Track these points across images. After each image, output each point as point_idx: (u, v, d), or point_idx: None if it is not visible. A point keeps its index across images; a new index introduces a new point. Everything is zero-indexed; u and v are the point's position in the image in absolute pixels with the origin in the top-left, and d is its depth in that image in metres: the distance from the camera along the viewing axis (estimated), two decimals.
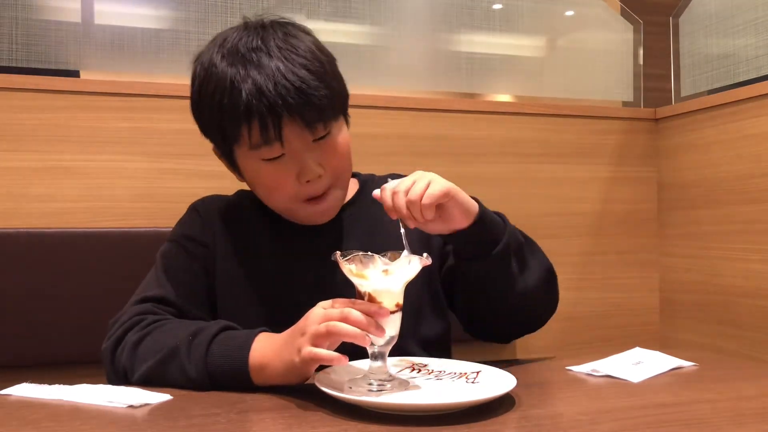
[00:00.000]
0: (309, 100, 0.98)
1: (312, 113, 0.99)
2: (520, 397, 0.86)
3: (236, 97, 0.97)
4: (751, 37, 1.78)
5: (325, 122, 1.02)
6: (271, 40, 1.01)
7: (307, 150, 1.02)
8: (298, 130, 0.99)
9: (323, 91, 1.00)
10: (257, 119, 0.97)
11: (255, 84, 0.97)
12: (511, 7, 1.95)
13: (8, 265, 1.39)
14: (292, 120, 0.98)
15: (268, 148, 1.00)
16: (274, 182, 1.04)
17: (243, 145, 1.01)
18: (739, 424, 0.78)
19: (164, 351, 0.93)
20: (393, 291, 0.86)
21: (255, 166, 1.04)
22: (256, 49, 0.99)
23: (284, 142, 0.99)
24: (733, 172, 1.76)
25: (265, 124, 0.97)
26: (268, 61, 0.98)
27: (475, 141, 1.83)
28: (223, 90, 0.99)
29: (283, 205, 1.08)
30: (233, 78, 0.98)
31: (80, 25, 1.58)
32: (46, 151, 1.48)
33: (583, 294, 1.92)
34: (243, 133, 0.99)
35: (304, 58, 1.00)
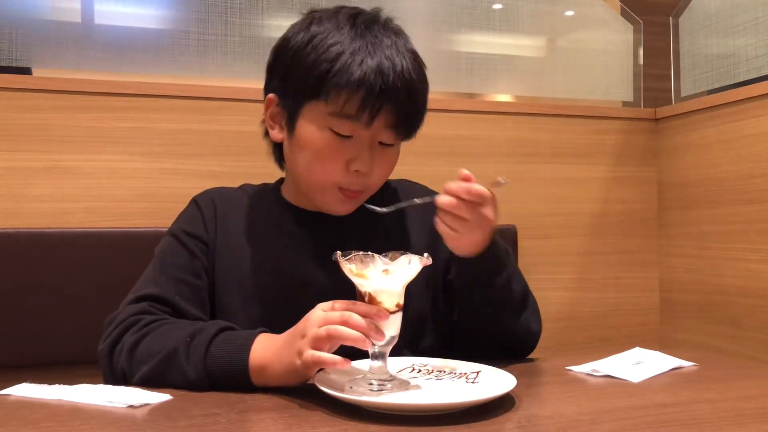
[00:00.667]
0: (414, 106, 1.03)
1: (408, 119, 1.04)
2: (520, 397, 0.86)
3: (357, 63, 0.98)
4: (751, 37, 1.78)
5: (406, 134, 1.06)
6: (401, 41, 1.05)
7: (372, 145, 1.04)
8: (387, 123, 1.02)
9: (425, 102, 1.06)
10: (364, 92, 0.98)
11: (379, 63, 0.99)
12: (511, 7, 1.95)
13: (8, 265, 1.39)
14: (391, 113, 1.01)
15: (350, 122, 1.01)
16: (326, 155, 1.04)
17: (329, 105, 1.01)
18: (739, 424, 0.78)
19: (163, 353, 0.93)
20: (393, 291, 0.86)
21: (319, 131, 1.03)
22: (388, 37, 1.03)
23: (369, 126, 1.01)
24: (733, 172, 1.76)
25: (368, 101, 0.99)
26: (394, 54, 1.01)
27: (475, 141, 1.83)
28: (343, 50, 1.00)
29: (318, 181, 1.07)
30: (360, 47, 1.00)
31: (80, 25, 1.58)
32: (46, 151, 1.48)
33: (583, 294, 1.92)
34: (341, 97, 0.99)
35: (418, 64, 1.06)
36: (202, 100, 1.58)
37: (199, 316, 1.05)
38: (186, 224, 1.13)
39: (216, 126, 1.59)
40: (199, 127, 1.58)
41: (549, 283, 1.89)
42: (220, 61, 1.66)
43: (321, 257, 1.07)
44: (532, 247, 1.81)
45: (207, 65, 1.64)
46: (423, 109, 1.07)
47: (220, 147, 1.58)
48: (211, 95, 1.59)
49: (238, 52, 1.66)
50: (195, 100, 1.58)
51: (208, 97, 1.58)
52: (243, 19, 1.67)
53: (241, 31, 1.67)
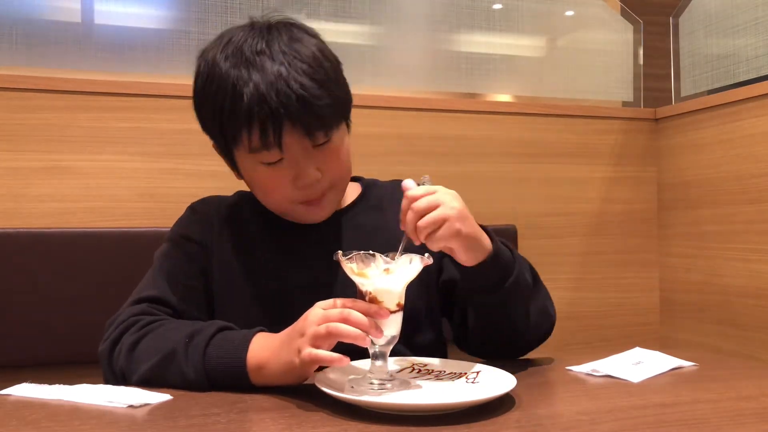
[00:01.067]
0: (310, 108, 0.98)
1: (313, 121, 0.99)
2: (520, 397, 0.86)
3: (237, 100, 0.97)
4: (751, 37, 1.78)
5: (325, 130, 1.02)
6: (276, 44, 1.00)
7: (306, 156, 1.02)
8: (298, 137, 0.99)
9: (325, 99, 0.99)
10: (257, 124, 0.97)
11: (257, 89, 0.96)
12: (511, 7, 1.95)
13: (8, 265, 1.39)
14: (293, 127, 0.98)
15: (267, 152, 1.00)
16: (271, 185, 1.05)
17: (242, 147, 1.01)
18: (739, 424, 0.78)
19: (161, 353, 0.93)
20: (394, 290, 0.86)
21: (253, 168, 1.04)
22: (260, 53, 0.99)
23: (283, 148, 0.99)
24: (733, 172, 1.76)
25: (266, 130, 0.97)
26: (270, 65, 0.97)
27: (475, 141, 1.83)
28: (225, 92, 0.98)
29: (279, 207, 1.09)
30: (235, 81, 0.98)
31: (80, 25, 1.58)
32: (46, 151, 1.48)
33: (583, 294, 1.93)
34: (243, 137, 0.99)
35: (308, 65, 0.99)
36: None
37: (198, 317, 1.05)
38: (183, 229, 1.14)
39: None
40: (199, 127, 1.58)
41: (549, 283, 1.86)
42: None
43: (317, 260, 1.07)
44: (532, 247, 1.81)
45: None
46: (326, 98, 1.00)
47: None
48: None
49: None
50: None
51: None
52: (243, 20, 1.65)
53: None
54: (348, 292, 0.89)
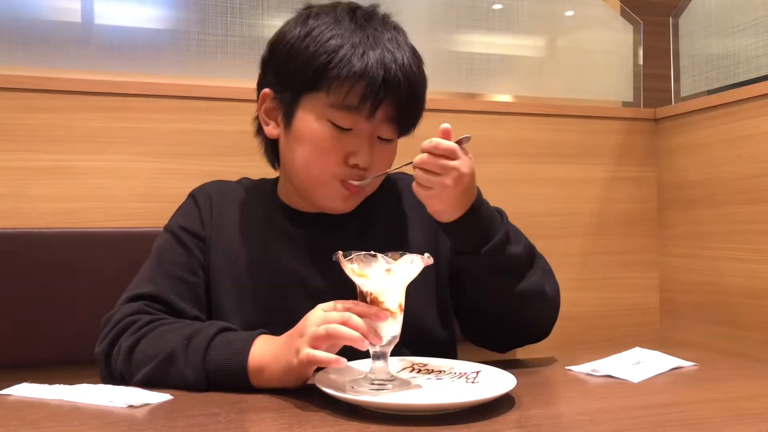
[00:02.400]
0: (415, 100, 1.03)
1: (409, 111, 1.03)
2: (520, 397, 0.86)
3: (358, 55, 0.98)
4: (751, 37, 1.78)
5: (405, 128, 1.06)
6: (401, 36, 1.05)
7: (371, 139, 1.03)
8: (387, 116, 1.02)
9: (421, 101, 1.05)
10: (366, 83, 0.98)
11: (381, 56, 0.99)
12: (511, 7, 1.95)
13: (8, 265, 1.39)
14: (392, 105, 1.01)
15: (350, 114, 1.00)
16: (325, 148, 1.02)
17: (330, 97, 1.00)
18: (739, 424, 0.78)
19: (160, 356, 0.92)
20: (395, 291, 0.86)
21: (318, 124, 1.02)
22: (388, 32, 1.03)
23: (370, 118, 1.00)
24: (733, 172, 1.76)
25: (370, 93, 0.98)
26: (395, 47, 1.01)
27: (475, 141, 1.82)
28: (343, 42, 0.99)
29: (317, 175, 1.05)
30: (360, 40, 0.99)
31: (80, 25, 1.58)
32: (46, 151, 1.48)
33: (583, 294, 1.92)
34: (343, 88, 0.98)
35: (417, 60, 1.06)
36: (202, 100, 1.58)
37: (196, 314, 1.04)
38: (183, 220, 1.12)
39: (216, 126, 1.59)
40: (199, 127, 1.58)
41: None
42: (220, 61, 1.66)
43: (316, 258, 1.07)
44: None
45: (207, 65, 1.64)
46: (422, 103, 1.06)
47: (220, 147, 1.58)
48: (211, 95, 1.59)
49: (238, 52, 1.66)
50: (195, 100, 1.58)
51: (208, 97, 1.58)
52: (243, 19, 1.67)
53: (241, 31, 1.67)
54: (353, 290, 0.89)
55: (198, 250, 1.09)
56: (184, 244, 1.09)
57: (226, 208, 1.13)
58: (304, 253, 1.09)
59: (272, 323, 0.94)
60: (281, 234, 1.11)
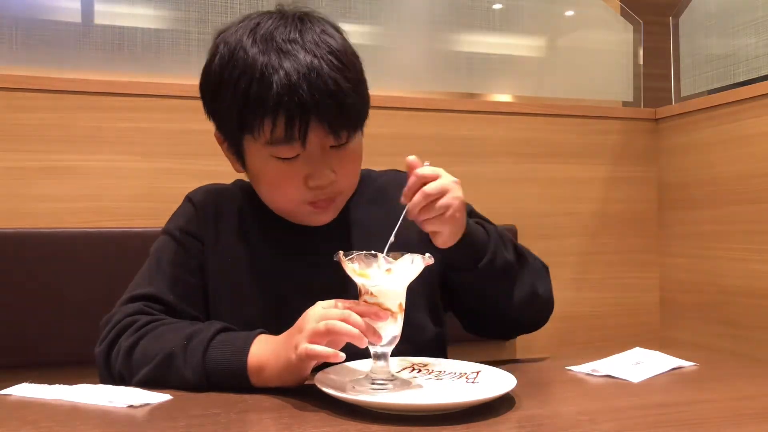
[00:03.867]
0: (341, 106, 0.95)
1: (341, 120, 0.96)
2: (520, 397, 0.86)
3: (266, 88, 0.92)
4: (751, 37, 1.78)
5: (350, 130, 0.99)
6: (309, 35, 0.96)
7: (323, 155, 0.98)
8: (322, 133, 0.96)
9: (354, 98, 0.96)
10: (284, 115, 0.93)
11: (288, 78, 0.92)
12: (511, 7, 1.95)
13: (8, 265, 1.39)
14: (319, 122, 0.94)
15: (287, 146, 0.96)
16: (281, 181, 1.00)
17: (260, 138, 0.96)
18: (739, 424, 0.78)
19: (160, 356, 0.92)
20: (395, 291, 0.86)
21: (264, 162, 1.00)
22: (293, 41, 0.95)
23: (306, 144, 0.95)
24: (733, 172, 1.76)
25: (292, 122, 0.93)
26: (303, 55, 0.93)
27: (475, 141, 1.83)
28: (251, 77, 0.94)
29: (285, 206, 1.05)
30: (264, 67, 0.93)
31: (80, 25, 1.58)
32: (46, 151, 1.48)
33: (583, 294, 1.93)
34: (264, 127, 0.94)
35: (340, 61, 0.96)
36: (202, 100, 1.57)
37: (195, 315, 1.04)
38: (181, 222, 1.11)
39: None
40: (199, 127, 1.56)
41: None
42: None
43: (313, 259, 1.06)
44: (532, 247, 1.79)
45: None
46: (354, 97, 0.98)
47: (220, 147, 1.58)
48: None
49: None
50: (195, 100, 1.56)
51: None
52: None
53: None
54: (349, 291, 0.89)
55: (196, 251, 1.09)
56: (183, 246, 1.09)
57: (222, 211, 1.12)
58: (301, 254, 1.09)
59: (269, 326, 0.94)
60: (278, 236, 1.11)
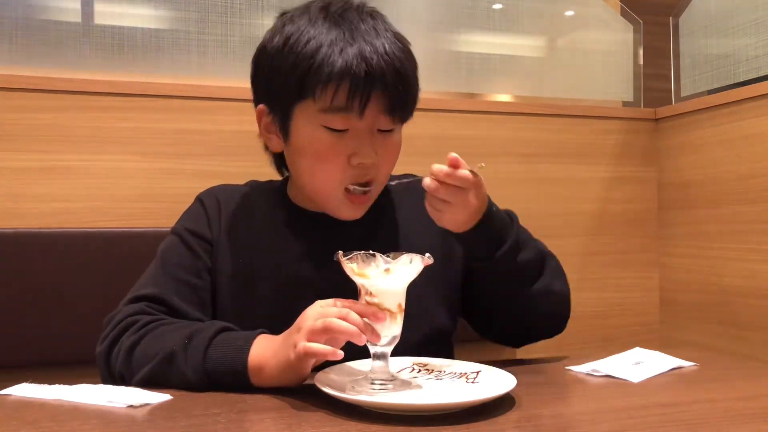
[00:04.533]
0: (404, 86, 0.99)
1: (401, 100, 1.00)
2: (520, 397, 0.86)
3: (336, 54, 0.96)
4: (751, 37, 1.78)
5: (402, 116, 1.03)
6: (380, 23, 1.02)
7: (370, 135, 1.01)
8: (380, 109, 0.99)
9: (415, 86, 1.03)
10: (350, 81, 0.96)
11: (360, 49, 0.96)
12: (511, 7, 1.95)
13: (8, 265, 1.39)
14: (380, 98, 0.98)
15: (342, 115, 0.98)
16: (326, 154, 1.01)
17: (318, 103, 0.98)
18: (739, 424, 0.78)
19: (161, 355, 0.92)
20: (395, 291, 0.86)
21: (313, 132, 1.01)
22: (365, 22, 1.00)
23: (363, 115, 0.98)
24: (733, 172, 1.76)
25: (356, 90, 0.96)
26: (373, 36, 0.98)
27: (475, 141, 1.83)
28: (320, 44, 0.97)
29: (322, 185, 1.05)
30: (337, 38, 0.97)
31: (80, 25, 1.58)
32: (46, 151, 1.48)
33: (583, 294, 1.92)
34: (327, 91, 0.97)
35: (405, 47, 1.02)
36: (202, 100, 1.58)
37: (199, 316, 1.04)
38: (190, 223, 1.11)
39: (216, 126, 1.59)
40: (199, 127, 1.58)
41: None
42: (220, 61, 1.66)
43: (324, 259, 1.07)
44: None
45: (207, 65, 1.64)
46: (414, 87, 1.04)
47: (220, 147, 1.58)
48: (211, 95, 1.59)
49: (238, 52, 1.66)
50: (195, 100, 1.58)
51: (208, 97, 1.58)
52: (243, 19, 1.67)
53: (241, 31, 1.67)
54: (354, 293, 0.89)
55: (204, 253, 1.09)
56: (190, 247, 1.09)
57: (233, 211, 1.12)
58: (313, 254, 1.09)
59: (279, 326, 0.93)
60: (290, 236, 1.11)
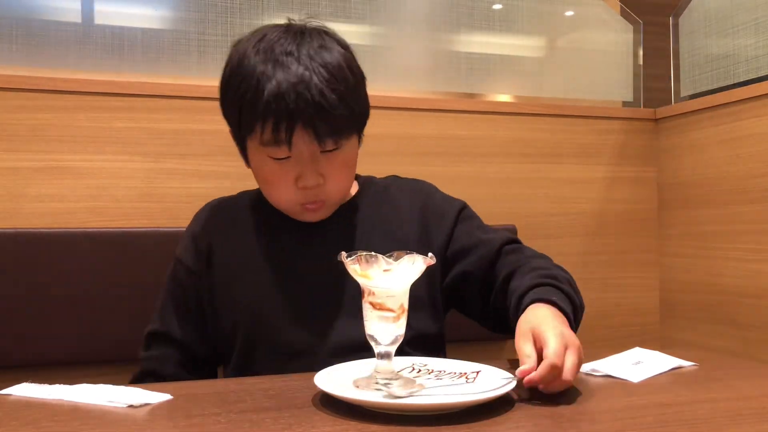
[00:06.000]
0: (324, 115, 1.01)
1: (325, 128, 1.02)
2: (520, 397, 0.86)
3: (258, 93, 1.01)
4: (751, 37, 1.78)
5: (335, 138, 1.05)
6: (305, 48, 1.03)
7: (312, 159, 1.05)
8: (308, 139, 1.03)
9: (340, 110, 1.02)
10: (272, 120, 1.01)
11: (278, 86, 1.00)
12: (511, 7, 1.95)
13: (8, 265, 1.39)
14: (304, 129, 1.02)
15: (276, 148, 1.04)
16: (274, 179, 1.08)
17: (255, 138, 1.05)
18: (739, 424, 0.78)
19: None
20: (397, 291, 0.86)
21: (262, 160, 1.08)
22: (289, 54, 1.03)
23: (292, 147, 1.03)
24: (733, 172, 1.76)
25: (278, 127, 1.01)
26: (296, 67, 1.01)
27: (475, 141, 1.83)
28: (248, 84, 1.03)
29: (278, 203, 1.12)
30: (260, 75, 1.02)
31: (80, 25, 1.58)
32: (46, 151, 1.48)
33: (583, 294, 1.90)
34: (257, 129, 1.03)
35: (331, 74, 1.03)
36: (202, 100, 1.58)
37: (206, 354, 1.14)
38: (180, 253, 1.18)
39: (216, 126, 1.57)
40: (199, 127, 1.58)
41: None
42: (220, 61, 1.64)
43: (324, 263, 1.08)
44: (532, 247, 1.81)
45: (207, 65, 1.64)
46: (344, 112, 1.03)
47: (220, 147, 1.58)
48: (211, 95, 1.57)
49: None
50: (195, 100, 1.58)
51: (208, 97, 1.58)
52: (243, 20, 1.67)
53: (241, 31, 1.66)
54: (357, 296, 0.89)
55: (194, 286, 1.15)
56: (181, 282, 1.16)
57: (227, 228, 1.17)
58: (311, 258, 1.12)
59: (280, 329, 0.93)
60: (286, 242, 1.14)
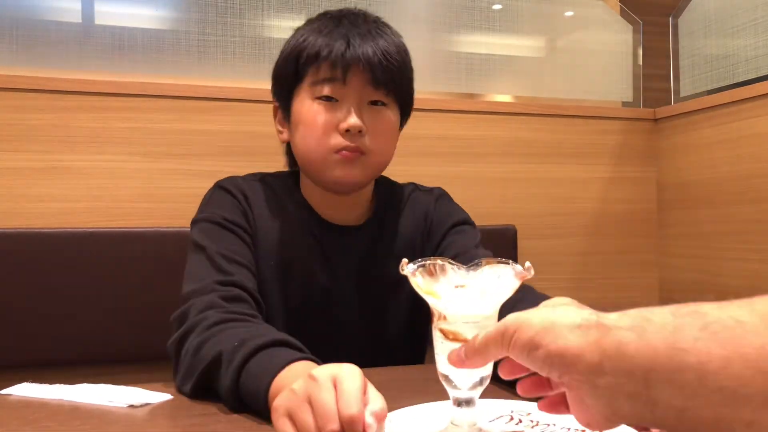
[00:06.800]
0: (385, 63, 1.05)
1: (382, 74, 1.05)
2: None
3: (323, 38, 1.05)
4: (751, 37, 1.78)
5: (388, 90, 1.07)
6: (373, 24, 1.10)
7: (359, 104, 1.06)
8: (362, 79, 1.05)
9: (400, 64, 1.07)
10: (333, 53, 1.03)
11: (344, 34, 1.05)
12: (511, 7, 1.95)
13: (8, 265, 1.39)
14: (361, 71, 1.04)
15: (329, 85, 1.04)
16: (317, 122, 1.05)
17: (308, 79, 1.06)
18: None
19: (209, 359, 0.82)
20: (476, 315, 0.62)
21: (308, 106, 1.06)
22: (356, 15, 1.09)
23: (347, 82, 1.04)
24: (733, 172, 1.76)
25: (338, 61, 1.03)
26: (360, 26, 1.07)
27: (475, 141, 1.83)
28: (310, 32, 1.07)
29: (316, 153, 1.06)
30: (326, 26, 1.06)
31: (80, 25, 1.58)
32: (46, 151, 1.48)
33: (583, 294, 1.92)
34: (314, 66, 1.05)
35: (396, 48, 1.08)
36: (202, 100, 1.58)
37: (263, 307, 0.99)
38: (225, 212, 1.07)
39: (216, 126, 1.59)
40: (199, 127, 1.58)
41: (548, 283, 1.88)
42: (220, 61, 1.66)
43: (346, 269, 1.08)
44: (531, 247, 1.81)
45: (207, 65, 1.64)
46: (402, 67, 1.09)
47: (220, 147, 1.58)
48: (211, 95, 1.59)
49: (238, 53, 1.66)
50: (195, 100, 1.58)
51: (208, 97, 1.58)
52: (243, 20, 1.67)
53: (241, 32, 1.67)
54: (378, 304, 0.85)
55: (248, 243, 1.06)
56: (238, 236, 1.05)
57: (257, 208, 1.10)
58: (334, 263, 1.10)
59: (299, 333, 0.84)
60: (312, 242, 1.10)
